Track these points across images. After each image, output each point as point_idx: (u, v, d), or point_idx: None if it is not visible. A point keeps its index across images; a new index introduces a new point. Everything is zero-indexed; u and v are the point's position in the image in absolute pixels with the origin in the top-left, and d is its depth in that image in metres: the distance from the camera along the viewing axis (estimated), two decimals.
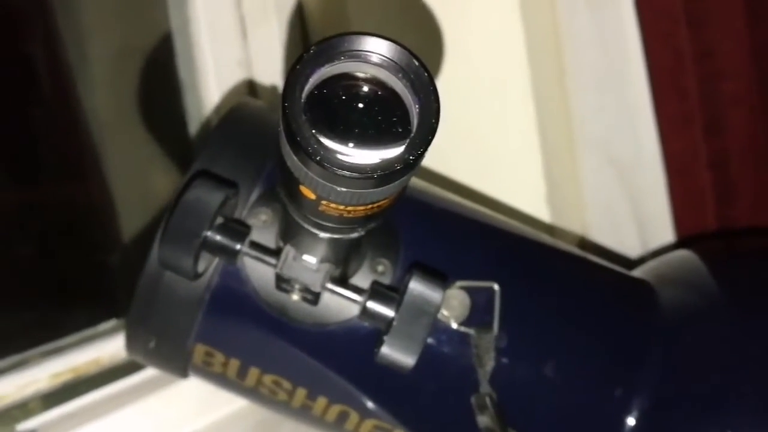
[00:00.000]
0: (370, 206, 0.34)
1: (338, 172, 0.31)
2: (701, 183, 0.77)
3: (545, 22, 0.80)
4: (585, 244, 0.83)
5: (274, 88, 0.83)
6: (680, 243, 0.78)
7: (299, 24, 0.89)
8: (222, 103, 0.80)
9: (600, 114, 0.81)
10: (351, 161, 0.31)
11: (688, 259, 0.64)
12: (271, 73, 0.83)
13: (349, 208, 0.34)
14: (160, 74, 0.82)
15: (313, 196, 0.34)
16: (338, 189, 0.32)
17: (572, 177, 0.83)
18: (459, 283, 0.55)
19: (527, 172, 0.82)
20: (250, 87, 0.82)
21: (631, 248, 0.82)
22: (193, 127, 0.82)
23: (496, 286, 0.54)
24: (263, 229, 0.53)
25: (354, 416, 0.57)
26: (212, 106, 0.80)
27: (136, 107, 0.80)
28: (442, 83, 0.37)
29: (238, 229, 0.50)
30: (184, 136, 0.82)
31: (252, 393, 0.59)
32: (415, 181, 0.60)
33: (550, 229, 0.83)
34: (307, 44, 0.89)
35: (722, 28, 0.74)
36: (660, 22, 0.75)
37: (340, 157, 0.31)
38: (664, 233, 0.79)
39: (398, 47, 0.32)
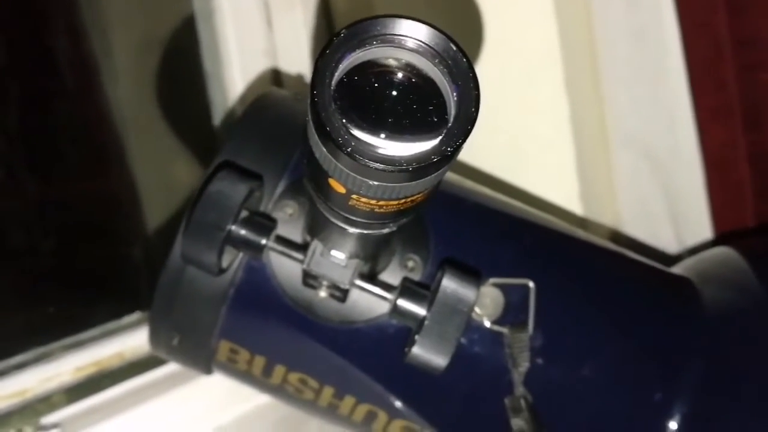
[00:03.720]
0: (403, 201, 0.33)
1: (370, 165, 0.29)
2: (740, 177, 0.75)
3: (579, 12, 0.78)
4: (618, 239, 0.81)
5: (299, 77, 0.82)
6: (718, 239, 0.76)
7: (324, 12, 0.88)
8: (247, 92, 0.79)
9: (635, 106, 0.79)
10: (384, 153, 0.30)
11: (729, 256, 0.62)
12: (297, 62, 0.83)
13: (381, 203, 0.33)
14: (185, 64, 0.81)
15: (342, 190, 0.33)
16: (370, 182, 0.31)
17: (606, 171, 0.81)
18: (492, 280, 0.53)
19: (560, 166, 0.81)
20: (275, 76, 0.82)
21: (666, 244, 0.80)
22: (218, 117, 0.81)
23: (531, 284, 0.53)
24: (289, 222, 0.52)
25: (382, 416, 0.56)
26: (237, 96, 0.79)
27: (161, 98, 0.79)
28: None
29: (264, 223, 0.48)
30: (209, 127, 0.81)
31: (278, 391, 0.58)
32: (447, 174, 0.59)
33: (582, 223, 0.81)
34: (333, 33, 0.88)
35: (762, 16, 0.72)
36: (698, 10, 0.73)
37: (372, 148, 0.30)
38: (701, 229, 0.77)
39: (435, 31, 0.31)
